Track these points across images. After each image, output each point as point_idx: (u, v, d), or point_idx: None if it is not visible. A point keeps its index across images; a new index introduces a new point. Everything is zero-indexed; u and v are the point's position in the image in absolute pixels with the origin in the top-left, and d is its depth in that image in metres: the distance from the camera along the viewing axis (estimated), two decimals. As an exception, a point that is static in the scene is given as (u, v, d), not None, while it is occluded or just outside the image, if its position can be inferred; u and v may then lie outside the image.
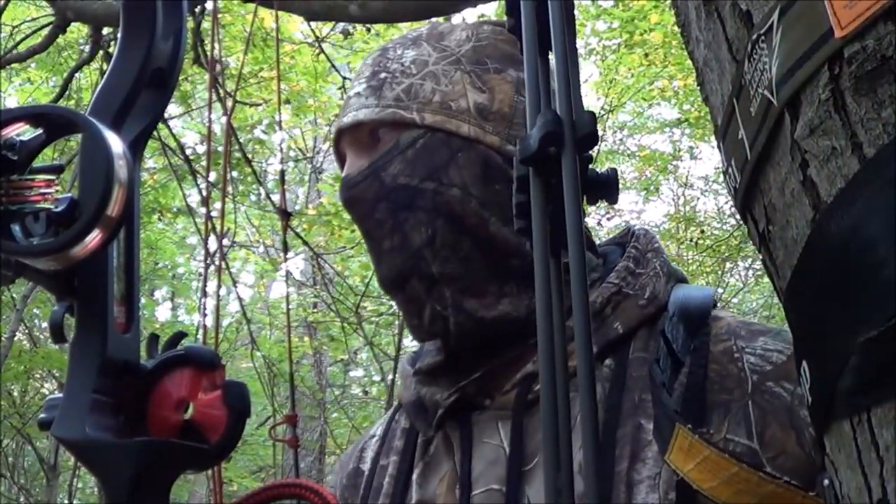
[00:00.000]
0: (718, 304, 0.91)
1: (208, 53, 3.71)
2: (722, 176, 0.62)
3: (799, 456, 0.73)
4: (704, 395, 0.78)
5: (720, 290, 8.56)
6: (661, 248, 0.93)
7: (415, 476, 0.89)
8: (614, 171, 0.49)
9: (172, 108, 5.93)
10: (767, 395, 0.77)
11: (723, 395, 0.78)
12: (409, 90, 0.92)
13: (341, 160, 0.98)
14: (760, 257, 0.57)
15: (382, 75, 0.94)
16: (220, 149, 3.61)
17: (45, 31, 4.12)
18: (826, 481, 0.55)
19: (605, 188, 0.48)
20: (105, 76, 0.59)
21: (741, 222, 0.64)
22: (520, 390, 0.85)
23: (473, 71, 0.92)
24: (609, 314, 0.85)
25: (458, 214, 0.87)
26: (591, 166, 0.49)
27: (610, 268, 0.90)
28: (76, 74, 4.58)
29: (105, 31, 3.91)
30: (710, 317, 0.85)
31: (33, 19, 5.28)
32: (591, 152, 0.47)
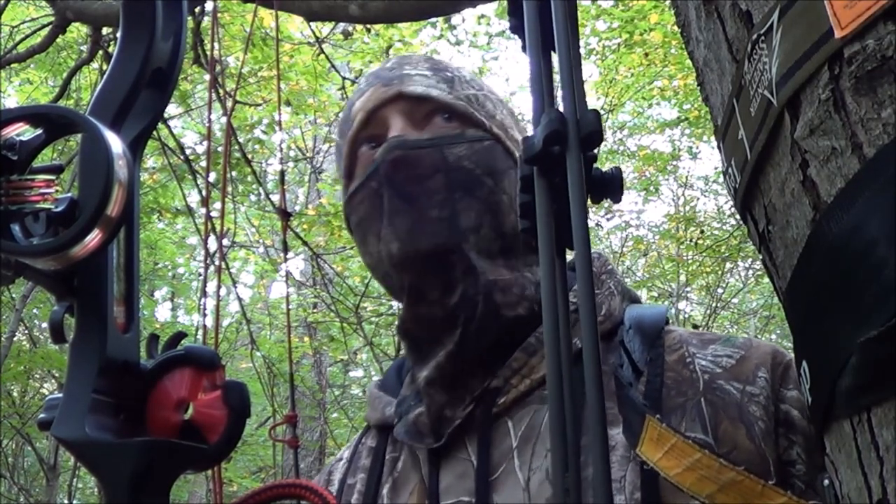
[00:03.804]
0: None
1: (208, 53, 3.71)
2: (722, 176, 0.62)
3: (750, 450, 0.77)
4: (662, 402, 0.82)
5: (720, 290, 8.56)
6: (615, 270, 0.97)
7: (384, 491, 0.90)
8: (618, 169, 0.49)
9: (172, 108, 5.93)
10: (718, 391, 0.81)
11: (679, 399, 0.81)
12: (476, 98, 0.97)
13: (366, 124, 0.94)
14: (760, 257, 0.57)
15: (448, 73, 0.97)
16: (220, 149, 3.61)
17: (44, 31, 4.12)
18: (826, 481, 0.55)
19: (610, 187, 0.48)
20: (105, 76, 0.59)
21: (741, 222, 0.64)
22: (485, 404, 0.87)
23: (511, 115, 1.01)
24: None
25: (502, 219, 0.90)
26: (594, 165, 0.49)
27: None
28: (76, 74, 4.58)
29: (105, 31, 3.92)
30: (663, 330, 0.89)
31: (33, 19, 5.28)
32: (594, 151, 0.47)
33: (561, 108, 0.47)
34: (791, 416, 0.79)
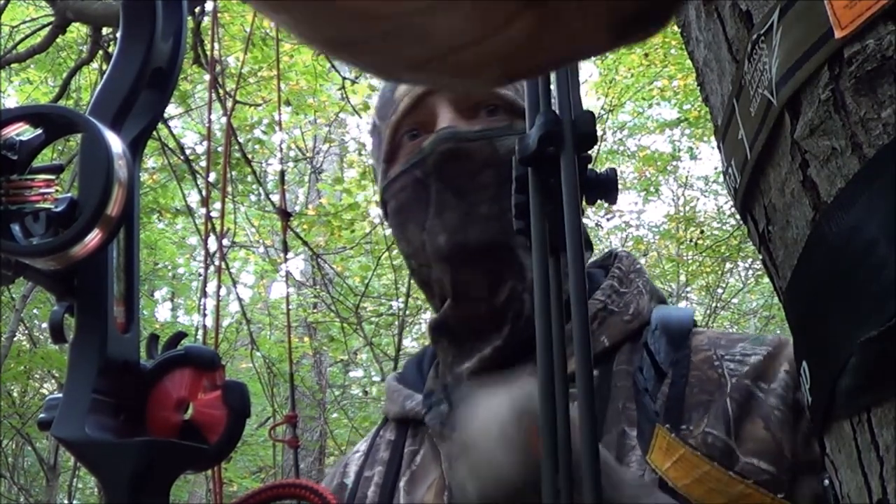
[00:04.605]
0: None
1: (208, 53, 3.71)
2: (722, 176, 0.62)
3: (764, 439, 0.76)
4: (684, 399, 0.81)
5: (720, 290, 8.56)
6: (643, 269, 0.97)
7: (402, 484, 0.90)
8: (613, 170, 0.49)
9: (172, 108, 5.93)
10: (745, 392, 0.81)
11: (702, 396, 0.81)
12: (518, 89, 0.95)
13: (411, 110, 0.93)
14: (760, 257, 0.57)
15: None
16: (220, 149, 3.61)
17: (44, 32, 4.12)
18: (826, 481, 0.55)
19: (604, 188, 0.49)
20: (105, 76, 0.59)
21: (741, 222, 0.64)
22: None
23: None
24: (595, 329, 0.88)
25: None
26: (590, 166, 0.49)
27: (595, 286, 0.92)
28: (76, 74, 4.58)
29: (105, 31, 3.91)
30: (690, 332, 0.88)
31: (33, 19, 5.27)
32: (590, 152, 0.47)
33: (556, 109, 0.47)
34: None
